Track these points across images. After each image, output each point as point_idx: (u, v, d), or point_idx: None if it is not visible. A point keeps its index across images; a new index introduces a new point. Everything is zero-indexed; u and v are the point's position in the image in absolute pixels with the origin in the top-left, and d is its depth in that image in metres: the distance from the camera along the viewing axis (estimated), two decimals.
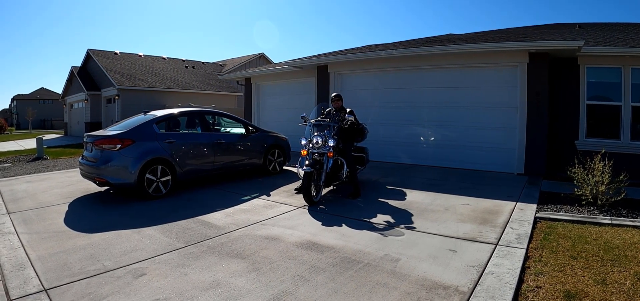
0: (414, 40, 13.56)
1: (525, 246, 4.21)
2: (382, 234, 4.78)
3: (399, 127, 10.79)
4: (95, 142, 6.77)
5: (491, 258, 3.91)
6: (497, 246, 4.25)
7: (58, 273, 3.75)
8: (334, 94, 7.25)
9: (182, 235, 4.81)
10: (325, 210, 5.94)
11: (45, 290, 3.40)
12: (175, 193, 7.08)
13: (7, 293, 3.37)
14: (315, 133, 6.53)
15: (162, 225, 5.18)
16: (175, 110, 8.04)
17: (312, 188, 6.17)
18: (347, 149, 6.86)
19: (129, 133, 6.79)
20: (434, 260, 3.91)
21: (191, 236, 4.74)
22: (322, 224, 5.24)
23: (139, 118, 7.51)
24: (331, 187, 7.25)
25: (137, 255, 4.18)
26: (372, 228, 5.04)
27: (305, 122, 7.00)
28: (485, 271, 3.63)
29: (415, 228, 4.98)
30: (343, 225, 5.19)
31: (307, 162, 6.27)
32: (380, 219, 5.42)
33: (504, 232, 4.71)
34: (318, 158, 6.39)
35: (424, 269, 3.69)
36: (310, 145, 6.44)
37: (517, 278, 3.44)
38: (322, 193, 6.57)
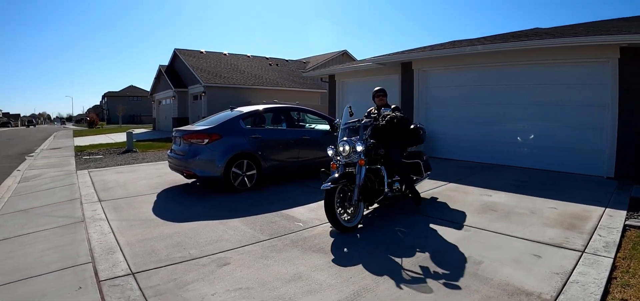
0: (499, 35, 13.02)
1: (612, 256, 3.99)
2: (464, 235, 4.74)
3: (482, 125, 10.48)
4: (184, 137, 7.23)
5: (577, 266, 3.77)
6: (584, 253, 4.08)
7: (145, 258, 4.02)
8: (376, 88, 6.05)
9: (266, 227, 5.04)
10: (406, 210, 5.86)
11: (133, 274, 3.65)
12: (259, 187, 7.32)
13: (96, 274, 3.65)
14: (344, 139, 5.11)
15: (246, 218, 5.45)
16: (261, 107, 8.28)
17: (341, 208, 4.90)
18: (392, 154, 5.46)
19: (217, 129, 7.17)
20: (517, 264, 3.85)
21: (275, 230, 4.95)
22: (404, 222, 5.26)
23: (225, 114, 7.91)
24: (375, 205, 5.69)
25: (221, 245, 4.41)
26: (455, 228, 4.99)
27: (335, 129, 5.68)
28: (570, 279, 3.50)
29: (499, 230, 4.87)
30: (425, 224, 5.19)
31: (335, 175, 4.94)
32: (463, 220, 5.35)
33: (591, 239, 4.49)
34: (351, 171, 5.05)
35: (506, 273, 3.64)
36: (340, 155, 5.13)
37: (602, 289, 3.30)
38: (364, 213, 5.23)
